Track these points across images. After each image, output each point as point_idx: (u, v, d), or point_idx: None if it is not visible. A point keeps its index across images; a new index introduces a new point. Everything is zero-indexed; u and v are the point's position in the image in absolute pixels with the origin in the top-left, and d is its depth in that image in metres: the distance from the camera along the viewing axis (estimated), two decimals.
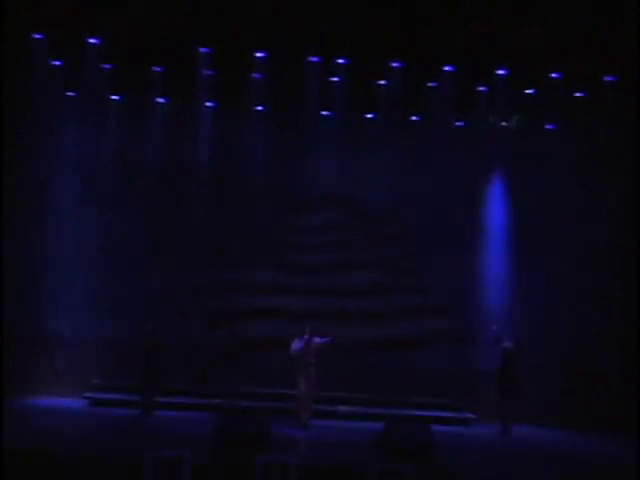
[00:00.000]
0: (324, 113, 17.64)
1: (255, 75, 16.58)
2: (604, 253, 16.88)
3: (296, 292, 17.89)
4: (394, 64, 16.15)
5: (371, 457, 11.33)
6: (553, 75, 16.02)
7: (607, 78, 15.97)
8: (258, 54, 16.03)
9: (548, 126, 17.33)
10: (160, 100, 17.56)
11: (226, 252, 18.01)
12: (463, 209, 17.51)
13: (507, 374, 15.62)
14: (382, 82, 16.75)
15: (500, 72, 16.13)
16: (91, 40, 15.74)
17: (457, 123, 17.74)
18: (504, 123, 17.62)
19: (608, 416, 16.10)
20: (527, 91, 16.60)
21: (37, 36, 15.79)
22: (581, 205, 17.03)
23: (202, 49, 16.05)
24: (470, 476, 10.67)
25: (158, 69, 16.62)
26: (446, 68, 16.16)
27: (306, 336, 14.61)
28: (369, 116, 17.74)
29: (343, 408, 16.23)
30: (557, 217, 17.17)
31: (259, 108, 17.56)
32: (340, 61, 16.20)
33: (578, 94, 16.55)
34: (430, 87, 16.78)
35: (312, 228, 18.35)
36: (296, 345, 14.67)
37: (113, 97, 17.45)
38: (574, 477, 11.66)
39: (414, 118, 17.79)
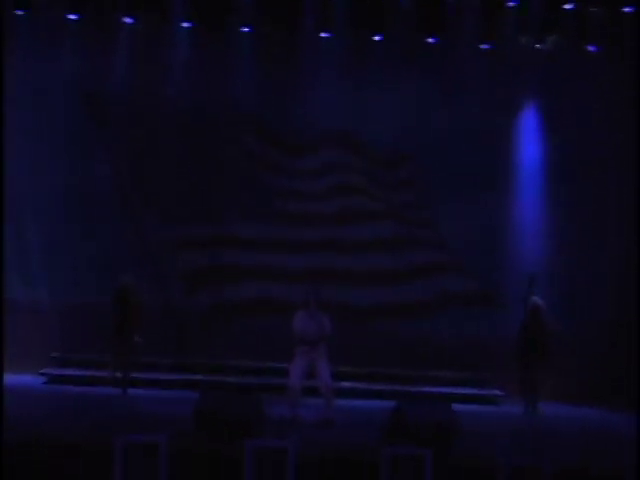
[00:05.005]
0: (323, 34, 17.36)
1: None
2: None
3: (290, 247, 17.69)
4: None
5: (382, 441, 11.13)
6: None
7: None
8: None
9: (589, 47, 17.14)
10: (126, 19, 17.17)
11: (209, 201, 17.79)
12: (488, 148, 17.17)
13: (533, 336, 15.05)
14: None
15: None
16: None
17: (482, 45, 17.50)
18: (537, 44, 17.40)
19: None
20: (564, 5, 16.36)
21: None
22: (630, 138, 16.58)
23: None
24: (496, 463, 10.68)
25: None
26: None
27: (312, 308, 13.26)
28: (376, 37, 17.46)
29: (346, 384, 16.00)
30: (600, 156, 16.87)
31: (246, 29, 17.24)
32: None
33: (625, 9, 16.19)
34: (449, 1, 16.45)
35: (309, 172, 18.10)
36: (303, 322, 13.32)
37: (71, 16, 17.04)
38: (605, 460, 11.71)
39: (430, 40, 17.53)
